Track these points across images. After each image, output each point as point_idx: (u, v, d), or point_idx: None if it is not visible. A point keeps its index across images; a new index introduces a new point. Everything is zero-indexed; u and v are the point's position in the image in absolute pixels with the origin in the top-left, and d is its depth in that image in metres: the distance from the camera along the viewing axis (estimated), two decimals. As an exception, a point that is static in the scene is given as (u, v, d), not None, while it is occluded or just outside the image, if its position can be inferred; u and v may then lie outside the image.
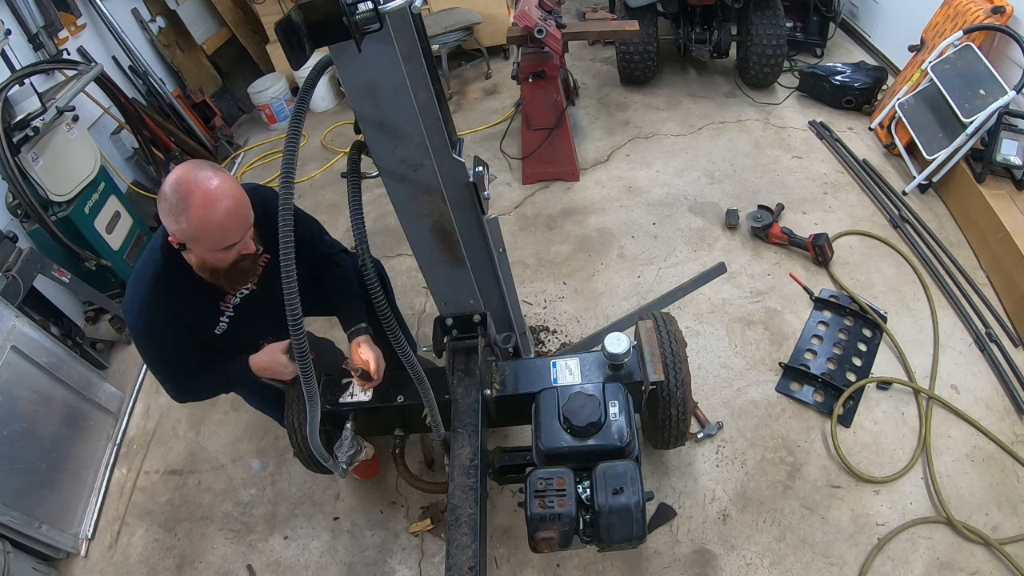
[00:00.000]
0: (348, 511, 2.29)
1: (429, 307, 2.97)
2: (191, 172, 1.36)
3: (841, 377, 2.34)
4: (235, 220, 1.40)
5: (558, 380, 1.79)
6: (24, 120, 2.80)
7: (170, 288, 1.55)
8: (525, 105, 3.41)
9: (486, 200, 1.68)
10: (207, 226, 1.38)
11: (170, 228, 1.42)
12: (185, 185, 1.34)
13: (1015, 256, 2.43)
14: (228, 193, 1.38)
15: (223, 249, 1.45)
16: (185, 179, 1.35)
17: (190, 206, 1.34)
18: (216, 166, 1.42)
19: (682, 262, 2.94)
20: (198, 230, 1.38)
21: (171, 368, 1.71)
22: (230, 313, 1.74)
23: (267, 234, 1.60)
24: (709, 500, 2.08)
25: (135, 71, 4.21)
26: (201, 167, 1.38)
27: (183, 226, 1.37)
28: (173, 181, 1.36)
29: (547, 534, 1.44)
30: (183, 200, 1.34)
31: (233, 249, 1.46)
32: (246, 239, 1.48)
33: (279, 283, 1.07)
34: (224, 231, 1.41)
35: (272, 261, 1.68)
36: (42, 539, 2.20)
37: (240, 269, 1.54)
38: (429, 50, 1.47)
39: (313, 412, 1.30)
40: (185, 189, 1.34)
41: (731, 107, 3.94)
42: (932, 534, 1.91)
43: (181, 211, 1.35)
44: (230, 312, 1.74)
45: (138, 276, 1.59)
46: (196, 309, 1.66)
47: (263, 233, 1.60)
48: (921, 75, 3.15)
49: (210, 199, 1.35)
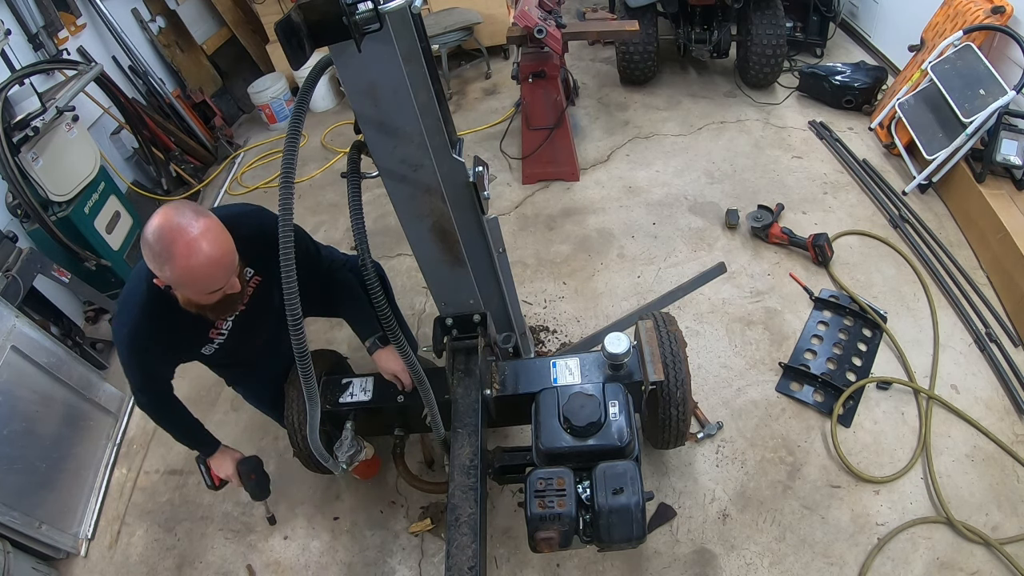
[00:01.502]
0: (348, 511, 2.29)
1: (429, 307, 2.97)
2: (173, 219, 1.32)
3: (841, 377, 2.34)
4: (219, 268, 1.38)
5: (558, 380, 1.79)
6: (24, 120, 2.81)
7: (156, 317, 1.55)
8: (525, 105, 3.41)
9: (486, 200, 1.68)
10: (191, 275, 1.36)
11: (154, 272, 1.40)
12: (168, 234, 1.31)
13: (1015, 256, 2.43)
14: (211, 240, 1.34)
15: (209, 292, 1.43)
16: (167, 227, 1.31)
17: (173, 256, 1.31)
18: (198, 209, 1.38)
19: (682, 262, 2.94)
20: (182, 279, 1.37)
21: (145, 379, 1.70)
22: (220, 340, 1.73)
23: (261, 257, 1.60)
24: (709, 500, 2.08)
25: (135, 71, 4.21)
26: (183, 212, 1.34)
27: (167, 274, 1.36)
28: (155, 228, 1.32)
29: (547, 534, 1.44)
30: (166, 250, 1.31)
31: (219, 292, 1.44)
32: (231, 280, 1.45)
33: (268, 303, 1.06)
34: (208, 279, 1.38)
35: (262, 283, 1.67)
36: (42, 539, 2.20)
37: (226, 303, 1.51)
38: (429, 50, 1.47)
39: (313, 412, 1.30)
40: (168, 238, 1.31)
41: (731, 107, 3.94)
42: (932, 534, 1.91)
43: (164, 260, 1.32)
44: (220, 339, 1.73)
45: (126, 301, 1.59)
46: (184, 336, 1.66)
47: (256, 256, 1.59)
48: (921, 75, 3.15)
49: (193, 249, 1.31)
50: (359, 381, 1.96)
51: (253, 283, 1.66)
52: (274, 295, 1.65)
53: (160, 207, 1.36)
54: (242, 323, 1.73)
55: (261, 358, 1.95)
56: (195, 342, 1.70)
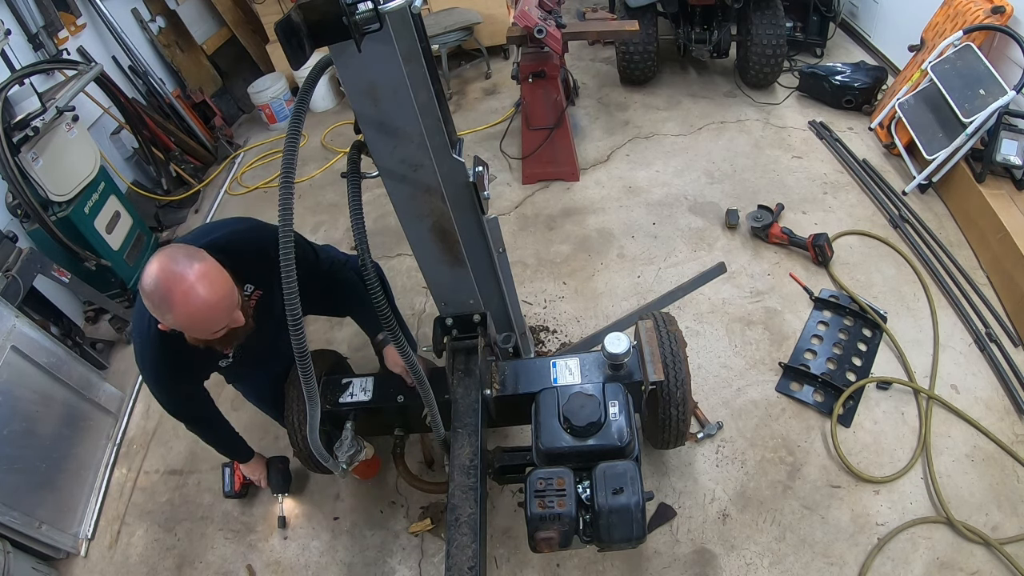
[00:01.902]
0: (348, 511, 2.29)
1: (429, 307, 2.97)
2: (168, 267, 1.32)
3: (841, 377, 2.34)
4: (219, 312, 1.39)
5: (558, 380, 1.79)
6: (24, 120, 2.81)
7: (171, 353, 1.59)
8: (525, 105, 3.41)
9: (486, 200, 1.68)
10: (191, 322, 1.38)
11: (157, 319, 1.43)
12: (164, 283, 1.31)
13: (1015, 256, 2.43)
14: (208, 284, 1.34)
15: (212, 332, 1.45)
16: (163, 276, 1.31)
17: (173, 305, 1.32)
18: (191, 252, 1.37)
19: (682, 262, 2.94)
20: (183, 325, 1.40)
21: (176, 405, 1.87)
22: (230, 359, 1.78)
23: (261, 273, 1.62)
24: (709, 500, 2.08)
25: (135, 71, 4.21)
26: (177, 260, 1.34)
27: (168, 320, 1.38)
28: (152, 278, 1.32)
29: (547, 534, 1.44)
30: (165, 299, 1.32)
31: (223, 329, 1.45)
32: (233, 316, 1.45)
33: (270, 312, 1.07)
34: (210, 323, 1.40)
35: (263, 296, 1.68)
36: (42, 539, 2.20)
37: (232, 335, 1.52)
38: (429, 50, 1.46)
39: (313, 412, 1.30)
40: (165, 287, 1.31)
41: (731, 107, 3.94)
42: (932, 534, 1.91)
43: (165, 310, 1.34)
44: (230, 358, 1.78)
45: (139, 337, 1.63)
46: (200, 362, 1.72)
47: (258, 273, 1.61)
48: (921, 75, 3.15)
49: (190, 297, 1.32)
50: (359, 381, 1.97)
51: (255, 297, 1.67)
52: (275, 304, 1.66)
53: (155, 254, 1.36)
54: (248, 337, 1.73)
55: (261, 358, 1.95)
56: (209, 363, 1.78)
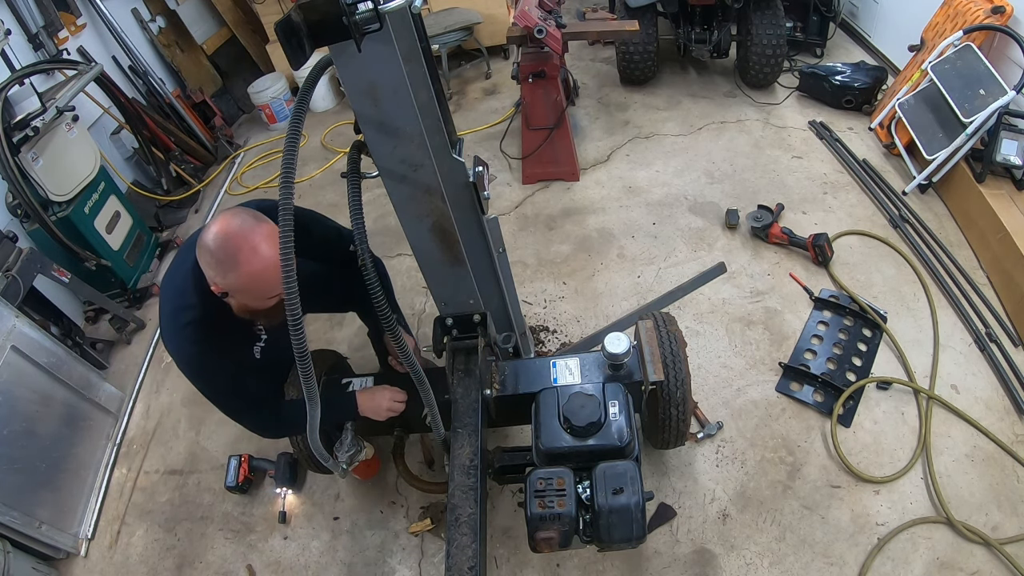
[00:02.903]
0: (348, 511, 2.29)
1: (429, 307, 2.97)
2: (236, 226, 1.35)
3: (841, 377, 2.34)
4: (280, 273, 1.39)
5: (558, 380, 1.79)
6: (24, 120, 2.81)
7: (211, 330, 1.55)
8: (525, 105, 3.41)
9: (486, 200, 1.68)
10: (256, 283, 1.39)
11: (213, 279, 1.41)
12: (233, 240, 1.34)
13: (1015, 256, 2.42)
14: (274, 245, 1.35)
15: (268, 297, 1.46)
16: (232, 234, 1.34)
17: (239, 263, 1.34)
18: (256, 214, 1.40)
19: (682, 262, 2.94)
20: (246, 286, 1.40)
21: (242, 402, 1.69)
22: (264, 338, 1.76)
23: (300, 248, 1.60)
24: (709, 500, 2.08)
25: (135, 71, 4.21)
26: (245, 219, 1.37)
27: (230, 280, 1.38)
28: (219, 236, 1.34)
29: (547, 534, 1.44)
30: (232, 257, 1.34)
31: (276, 296, 1.46)
32: None
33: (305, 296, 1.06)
34: (270, 284, 1.41)
35: None
36: (42, 539, 2.20)
37: (279, 308, 1.52)
38: (429, 50, 1.46)
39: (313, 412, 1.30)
40: (233, 245, 1.33)
41: (731, 107, 3.94)
42: (932, 534, 1.91)
43: (229, 268, 1.35)
44: (264, 337, 1.76)
45: (175, 323, 1.54)
46: (236, 341, 1.69)
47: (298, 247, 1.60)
48: (921, 75, 3.15)
49: (258, 256, 1.35)
50: (359, 381, 1.97)
51: None
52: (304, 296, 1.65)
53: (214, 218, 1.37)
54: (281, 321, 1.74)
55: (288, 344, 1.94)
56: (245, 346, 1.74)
